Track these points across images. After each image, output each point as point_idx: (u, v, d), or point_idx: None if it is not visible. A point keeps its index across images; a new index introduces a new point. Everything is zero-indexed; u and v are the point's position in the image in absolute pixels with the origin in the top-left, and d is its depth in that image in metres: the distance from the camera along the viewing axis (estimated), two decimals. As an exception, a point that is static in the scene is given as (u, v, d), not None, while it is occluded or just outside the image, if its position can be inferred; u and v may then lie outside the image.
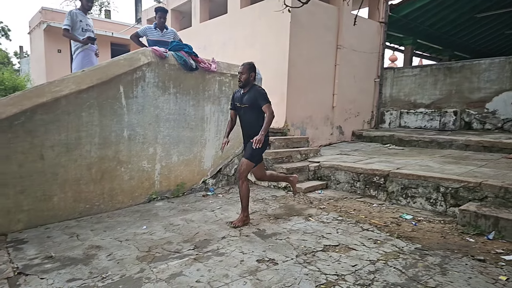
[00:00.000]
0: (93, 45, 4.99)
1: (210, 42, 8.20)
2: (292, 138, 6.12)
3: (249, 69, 3.41)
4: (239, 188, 3.48)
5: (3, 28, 34.52)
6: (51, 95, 3.54)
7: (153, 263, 2.68)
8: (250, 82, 3.43)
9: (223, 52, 7.60)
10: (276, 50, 6.57)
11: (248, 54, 6.96)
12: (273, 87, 6.46)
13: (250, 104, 3.41)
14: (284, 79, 6.46)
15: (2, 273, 2.50)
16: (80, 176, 3.78)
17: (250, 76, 3.41)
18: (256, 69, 3.49)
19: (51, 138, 3.55)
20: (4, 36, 35.10)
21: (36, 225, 3.47)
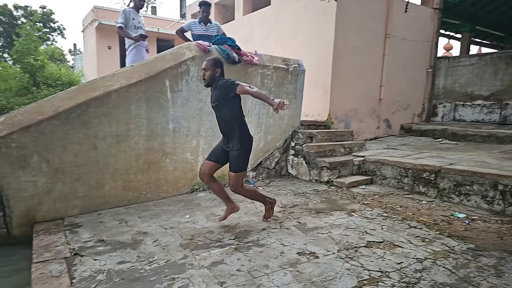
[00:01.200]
0: (144, 42, 5.28)
1: (253, 35, 8.26)
2: (336, 131, 6.00)
3: (213, 65, 3.06)
4: (212, 189, 3.37)
5: (59, 27, 37.34)
6: (103, 89, 3.79)
7: (195, 250, 2.80)
8: (215, 79, 3.08)
9: (266, 44, 7.62)
10: (320, 41, 6.46)
11: (291, 46, 6.92)
12: (317, 79, 6.37)
13: (218, 101, 3.07)
14: (328, 71, 6.34)
15: (60, 253, 2.76)
16: (129, 166, 4.03)
17: (215, 72, 3.06)
18: (222, 65, 3.12)
19: (103, 130, 3.81)
20: (59, 35, 38.01)
21: (89, 211, 3.77)
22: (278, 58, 5.33)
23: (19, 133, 3.35)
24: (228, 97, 3.00)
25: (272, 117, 5.28)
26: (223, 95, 3.02)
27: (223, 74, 3.14)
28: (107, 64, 11.11)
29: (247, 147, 3.11)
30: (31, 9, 34.54)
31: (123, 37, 5.33)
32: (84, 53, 14.66)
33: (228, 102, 3.03)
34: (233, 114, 3.08)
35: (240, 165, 3.13)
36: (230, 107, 3.05)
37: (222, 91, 3.03)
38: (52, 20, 36.15)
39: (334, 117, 6.51)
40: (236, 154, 3.07)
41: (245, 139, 3.10)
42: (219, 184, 3.32)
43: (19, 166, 3.39)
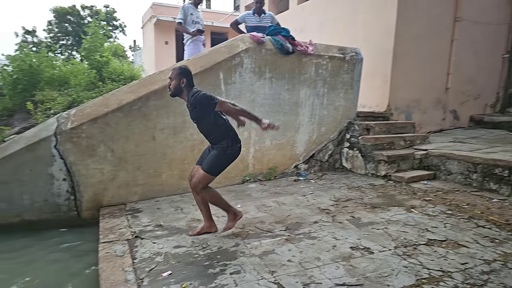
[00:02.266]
0: (201, 36, 5.50)
1: (307, 24, 8.13)
2: (395, 123, 5.72)
3: (179, 74, 2.78)
4: (196, 200, 3.00)
5: (120, 24, 40.07)
6: (162, 83, 4.02)
7: (247, 239, 2.88)
8: (181, 90, 2.81)
9: (321, 33, 7.46)
10: (380, 27, 6.15)
11: (348, 34, 6.70)
12: (375, 68, 6.11)
13: (197, 119, 2.86)
14: (389, 58, 6.03)
15: (123, 235, 3.03)
16: (184, 157, 4.25)
17: (180, 82, 2.78)
18: (190, 74, 2.84)
19: (161, 122, 4.06)
20: (121, 32, 40.76)
21: (148, 197, 4.06)
22: (333, 47, 5.21)
23: (88, 124, 3.71)
24: (207, 112, 2.78)
25: (327, 108, 5.19)
26: (201, 113, 2.79)
27: (191, 84, 2.83)
28: (164, 59, 11.75)
29: (228, 150, 2.81)
30: (96, 8, 37.42)
31: (181, 32, 5.60)
32: (143, 49, 15.63)
33: (207, 117, 2.82)
34: (213, 126, 2.84)
35: (212, 166, 2.82)
36: (209, 120, 2.82)
37: (199, 110, 2.78)
38: (114, 18, 38.94)
39: (394, 108, 6.20)
40: (214, 153, 2.83)
41: (227, 143, 2.81)
42: (213, 193, 2.96)
43: (88, 155, 3.75)
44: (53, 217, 3.70)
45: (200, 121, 2.87)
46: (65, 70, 7.86)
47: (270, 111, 4.74)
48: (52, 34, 39.50)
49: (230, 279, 2.26)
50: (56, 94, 6.64)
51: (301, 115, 5.01)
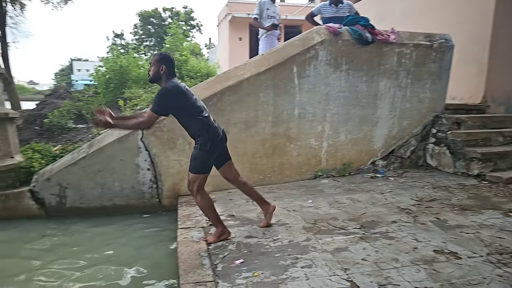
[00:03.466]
0: (276, 31, 5.60)
1: (389, 12, 7.68)
2: (493, 116, 5.12)
3: (159, 60, 2.65)
4: (198, 206, 2.84)
5: (197, 24, 42.50)
6: (236, 79, 4.21)
7: (318, 234, 2.88)
8: (160, 77, 2.66)
9: (405, 20, 6.99)
10: (475, 10, 5.54)
11: (437, 19, 6.16)
12: (468, 56, 5.53)
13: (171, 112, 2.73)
14: (485, 44, 5.40)
15: (199, 222, 3.25)
16: (255, 150, 4.38)
17: (159, 69, 2.63)
18: (171, 61, 2.69)
19: (235, 116, 4.24)
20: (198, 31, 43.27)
21: (221, 188, 4.27)
22: (419, 34, 4.86)
23: (169, 119, 4.03)
24: (176, 107, 2.65)
25: (410, 100, 4.87)
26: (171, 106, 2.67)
27: (171, 74, 2.68)
28: (238, 55, 12.17)
29: (207, 147, 2.65)
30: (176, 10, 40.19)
31: (256, 28, 5.78)
32: (218, 46, 16.39)
33: (174, 111, 2.69)
34: (186, 118, 2.71)
35: (195, 166, 2.71)
36: (178, 114, 2.72)
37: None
38: (192, 18, 41.46)
39: (491, 100, 5.54)
40: (194, 153, 2.73)
41: (203, 139, 2.66)
42: (205, 200, 2.78)
43: (168, 147, 4.10)
44: (138, 203, 4.14)
45: (174, 114, 2.71)
46: (149, 69, 8.65)
47: (345, 104, 4.62)
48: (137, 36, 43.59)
49: (301, 272, 2.29)
50: (142, 92, 7.34)
51: (380, 108, 4.78)
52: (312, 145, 4.59)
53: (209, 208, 2.78)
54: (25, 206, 4.00)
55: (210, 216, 2.83)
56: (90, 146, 4.12)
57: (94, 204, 4.08)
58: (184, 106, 2.61)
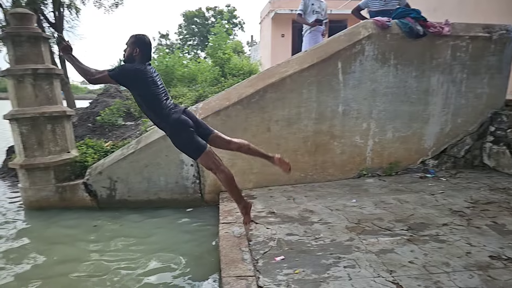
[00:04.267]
0: (321, 26, 5.54)
1: (442, 2, 7.30)
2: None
3: (133, 43, 2.62)
4: (220, 180, 2.83)
5: (240, 22, 43.05)
6: (279, 76, 4.22)
7: (362, 235, 2.81)
8: (134, 60, 2.64)
9: (459, 11, 6.60)
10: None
11: (495, 9, 5.75)
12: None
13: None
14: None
15: (240, 218, 3.28)
16: (297, 148, 4.37)
17: (133, 51, 2.61)
18: (147, 45, 2.66)
19: (277, 114, 4.26)
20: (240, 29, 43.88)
21: (261, 185, 4.32)
22: (476, 26, 4.56)
23: (212, 116, 4.16)
24: (133, 89, 2.67)
25: (465, 96, 4.59)
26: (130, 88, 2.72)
27: (146, 57, 2.68)
28: (280, 52, 12.15)
29: (175, 126, 2.62)
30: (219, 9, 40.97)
31: (299, 24, 5.74)
32: (260, 44, 16.49)
33: (131, 88, 2.69)
34: (140, 100, 2.69)
35: (187, 149, 2.71)
36: (134, 93, 2.70)
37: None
38: (234, 16, 42.07)
39: None
40: (176, 143, 2.71)
41: (164, 124, 2.66)
42: (227, 175, 2.79)
43: (211, 143, 4.22)
44: (182, 197, 4.31)
45: (133, 94, 2.72)
46: (194, 68, 8.95)
47: (393, 101, 4.46)
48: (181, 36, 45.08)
49: (344, 272, 2.26)
50: (186, 90, 7.61)
51: (431, 105, 4.56)
52: (356, 143, 4.48)
53: (233, 182, 2.79)
54: (80, 197, 4.33)
55: (234, 190, 2.83)
56: (138, 142, 4.35)
57: (141, 197, 4.31)
58: (144, 90, 2.58)
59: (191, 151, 2.67)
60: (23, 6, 9.76)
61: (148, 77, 2.55)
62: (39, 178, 4.31)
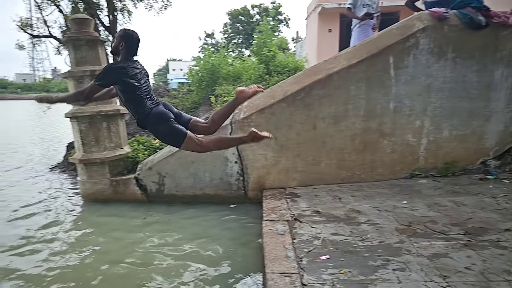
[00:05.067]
0: (371, 20, 5.39)
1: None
2: None
3: (120, 36, 2.66)
4: (213, 149, 2.72)
5: (285, 18, 42.94)
6: (325, 72, 4.17)
7: (413, 238, 2.71)
8: (119, 52, 2.67)
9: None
10: None
11: None
12: None
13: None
14: None
15: (283, 216, 3.33)
16: (344, 146, 4.29)
17: (120, 44, 2.65)
18: (133, 40, 2.66)
19: (323, 111, 4.21)
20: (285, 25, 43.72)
21: (306, 184, 4.30)
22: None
23: (257, 114, 4.22)
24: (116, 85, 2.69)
25: (534, 91, 4.23)
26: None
27: (131, 52, 2.70)
28: (327, 48, 11.93)
29: (157, 118, 2.61)
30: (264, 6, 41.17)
31: (348, 19, 5.61)
32: (306, 39, 16.32)
33: (115, 85, 2.69)
34: (123, 98, 2.70)
35: (170, 139, 2.70)
36: (118, 90, 2.69)
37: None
38: (280, 13, 42.05)
39: None
40: (159, 132, 2.69)
41: (149, 114, 2.62)
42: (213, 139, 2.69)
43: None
44: (225, 193, 4.44)
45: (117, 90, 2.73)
46: (238, 67, 9.09)
47: (450, 97, 4.21)
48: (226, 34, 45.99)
49: (393, 274, 2.20)
50: (231, 88, 7.76)
51: (494, 101, 4.25)
52: (408, 142, 4.30)
53: (222, 141, 2.78)
54: (131, 191, 4.62)
55: (231, 142, 2.94)
56: (185, 139, 4.53)
57: (188, 192, 4.50)
58: (125, 86, 2.61)
59: (174, 140, 2.70)
60: (81, 12, 10.51)
61: (130, 74, 2.62)
62: (95, 172, 4.67)
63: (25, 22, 11.87)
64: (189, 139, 2.61)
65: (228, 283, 2.78)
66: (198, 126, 2.77)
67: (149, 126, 2.68)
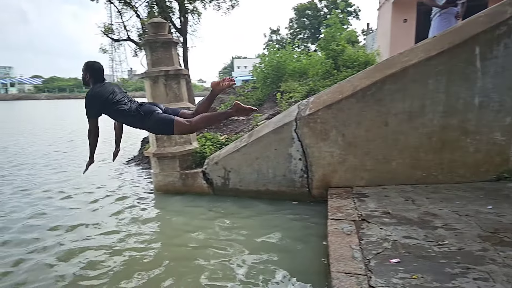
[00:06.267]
0: (454, 8, 5.01)
1: None
2: None
3: (84, 69, 3.07)
4: (202, 127, 3.10)
5: (355, 10, 41.51)
6: (400, 65, 3.96)
7: (499, 246, 2.47)
8: (88, 82, 3.09)
9: None
10: None
11: None
12: None
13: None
14: None
15: (350, 216, 3.25)
16: (419, 144, 4.03)
17: (86, 76, 3.08)
18: (95, 69, 3.05)
19: (396, 106, 4.01)
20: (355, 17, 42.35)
21: (375, 184, 4.13)
22: None
23: (323, 110, 4.17)
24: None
25: None
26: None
27: (97, 80, 3.06)
28: (401, 40, 11.26)
29: (145, 115, 2.93)
30: (332, -1, 40.07)
31: (423, 7, 5.28)
32: (378, 31, 15.59)
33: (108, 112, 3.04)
34: (124, 117, 3.04)
35: (162, 128, 3.03)
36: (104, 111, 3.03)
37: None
38: (349, 5, 40.83)
39: None
40: (150, 128, 3.07)
41: (136, 115, 2.95)
42: (199, 119, 2.94)
43: (321, 138, 4.23)
44: (288, 190, 4.46)
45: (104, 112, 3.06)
46: (305, 62, 9.04)
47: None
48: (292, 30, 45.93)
49: (473, 284, 2.03)
50: (297, 85, 7.75)
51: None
52: (496, 140, 3.90)
53: (209, 117, 3.01)
54: (199, 184, 4.90)
55: (219, 117, 3.15)
56: (250, 136, 4.65)
57: (251, 187, 4.62)
58: (104, 104, 2.97)
59: (166, 128, 2.98)
60: (156, 15, 11.28)
61: (104, 93, 2.98)
62: (167, 165, 5.02)
63: (108, 28, 13.07)
64: (177, 123, 2.94)
65: (289, 280, 2.80)
66: (185, 114, 3.12)
67: (140, 124, 3.02)
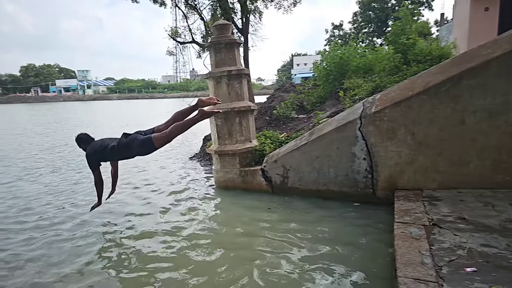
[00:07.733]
0: None
1: None
2: None
3: (78, 143, 4.14)
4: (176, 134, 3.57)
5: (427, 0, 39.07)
6: (480, 59, 3.66)
7: None
8: (85, 148, 4.05)
9: None
10: None
11: None
12: None
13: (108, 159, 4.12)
14: None
15: (419, 220, 3.09)
16: (501, 145, 3.70)
17: (81, 147, 4.11)
18: (83, 139, 4.07)
19: (474, 103, 3.72)
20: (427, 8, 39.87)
21: (448, 187, 3.86)
22: None
23: (391, 108, 4.01)
24: (106, 155, 3.89)
25: None
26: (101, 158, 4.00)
27: (87, 144, 4.04)
28: (482, 31, 10.35)
29: (128, 144, 3.68)
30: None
31: None
32: (454, 22, 14.51)
33: (110, 156, 3.95)
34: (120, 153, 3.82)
35: (144, 148, 3.64)
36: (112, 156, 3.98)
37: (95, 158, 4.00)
38: (421, -6, 38.54)
39: None
40: (136, 152, 3.75)
41: (123, 149, 3.73)
42: (172, 129, 3.54)
43: (387, 137, 4.07)
44: (350, 191, 4.36)
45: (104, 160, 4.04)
46: (370, 58, 8.73)
47: None
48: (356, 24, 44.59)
49: None
50: (361, 81, 7.52)
51: None
52: None
53: (180, 125, 3.52)
54: (258, 181, 5.01)
55: (189, 123, 3.54)
56: (311, 134, 4.63)
57: (310, 186, 4.60)
58: (100, 154, 3.87)
59: (148, 146, 3.59)
60: (219, 17, 11.64)
61: (98, 148, 3.86)
62: (227, 162, 5.22)
63: (174, 31, 13.80)
64: (155, 139, 3.54)
65: (351, 283, 2.76)
66: (160, 129, 3.71)
67: (130, 153, 3.71)
